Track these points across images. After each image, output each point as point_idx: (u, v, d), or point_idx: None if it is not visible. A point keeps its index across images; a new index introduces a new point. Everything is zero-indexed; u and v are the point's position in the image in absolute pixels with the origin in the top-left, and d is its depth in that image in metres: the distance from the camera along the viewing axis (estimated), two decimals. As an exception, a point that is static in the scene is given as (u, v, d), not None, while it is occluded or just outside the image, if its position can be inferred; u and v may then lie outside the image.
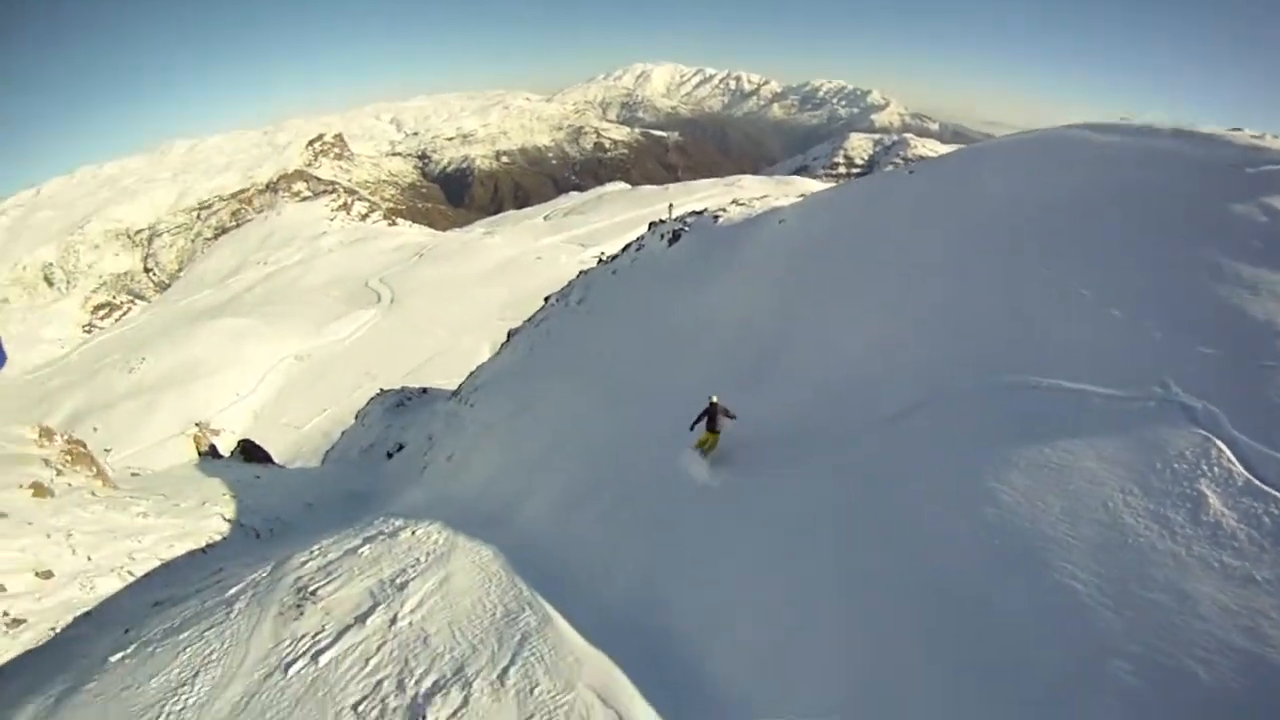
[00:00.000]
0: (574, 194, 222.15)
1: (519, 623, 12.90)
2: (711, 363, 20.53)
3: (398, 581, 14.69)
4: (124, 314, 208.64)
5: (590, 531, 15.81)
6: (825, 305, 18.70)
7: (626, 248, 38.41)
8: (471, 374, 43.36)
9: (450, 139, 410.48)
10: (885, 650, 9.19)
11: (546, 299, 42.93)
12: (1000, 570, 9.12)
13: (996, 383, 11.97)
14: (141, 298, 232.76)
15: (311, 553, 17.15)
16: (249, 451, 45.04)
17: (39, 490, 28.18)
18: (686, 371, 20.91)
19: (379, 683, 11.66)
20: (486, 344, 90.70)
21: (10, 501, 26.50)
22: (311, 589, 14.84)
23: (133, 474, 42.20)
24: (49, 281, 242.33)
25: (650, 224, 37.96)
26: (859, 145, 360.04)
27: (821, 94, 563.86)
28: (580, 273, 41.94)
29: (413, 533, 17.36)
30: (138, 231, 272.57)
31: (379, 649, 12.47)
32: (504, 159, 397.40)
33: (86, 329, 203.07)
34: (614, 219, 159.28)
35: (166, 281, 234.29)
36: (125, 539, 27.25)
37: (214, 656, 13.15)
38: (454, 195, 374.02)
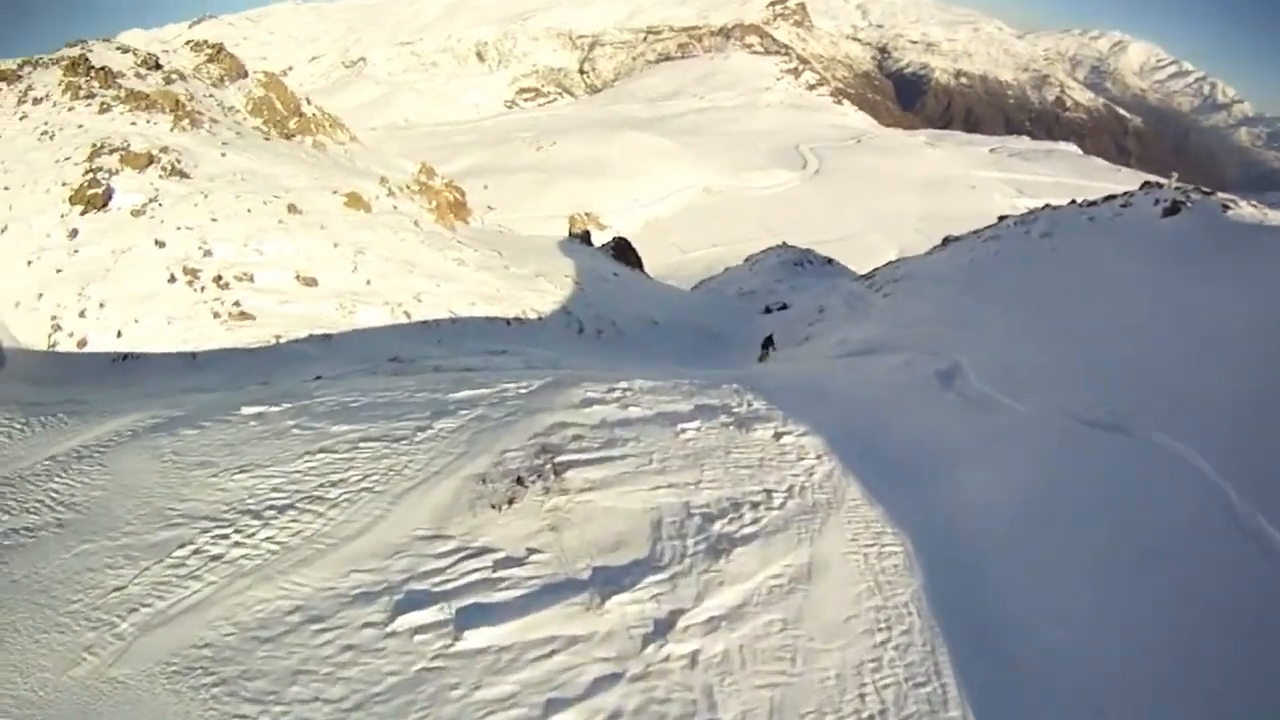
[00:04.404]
0: (1024, 139, 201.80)
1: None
2: (1232, 370, 11.89)
3: (718, 529, 6.88)
4: (549, 102, 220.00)
5: (1081, 586, 6.92)
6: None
7: (1109, 198, 31.95)
8: (891, 263, 37.14)
9: (913, 42, 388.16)
10: None
11: (1000, 218, 36.58)
12: None
13: None
14: (570, 93, 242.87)
15: (608, 391, 10.05)
16: (621, 249, 41.41)
17: (353, 200, 25.79)
18: (1185, 365, 12.71)
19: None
20: (895, 248, 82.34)
21: (314, 202, 24.74)
22: (562, 458, 7.74)
23: (499, 229, 42.21)
24: (480, 57, 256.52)
25: (1144, 184, 32.27)
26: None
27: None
28: (1046, 205, 34.97)
29: (776, 436, 9.29)
30: (580, 36, 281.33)
31: (624, 684, 4.95)
32: (962, 79, 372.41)
33: (508, 104, 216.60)
34: (1058, 179, 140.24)
35: (598, 86, 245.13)
36: (422, 277, 23.32)
37: (330, 493, 7.16)
38: (904, 98, 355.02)
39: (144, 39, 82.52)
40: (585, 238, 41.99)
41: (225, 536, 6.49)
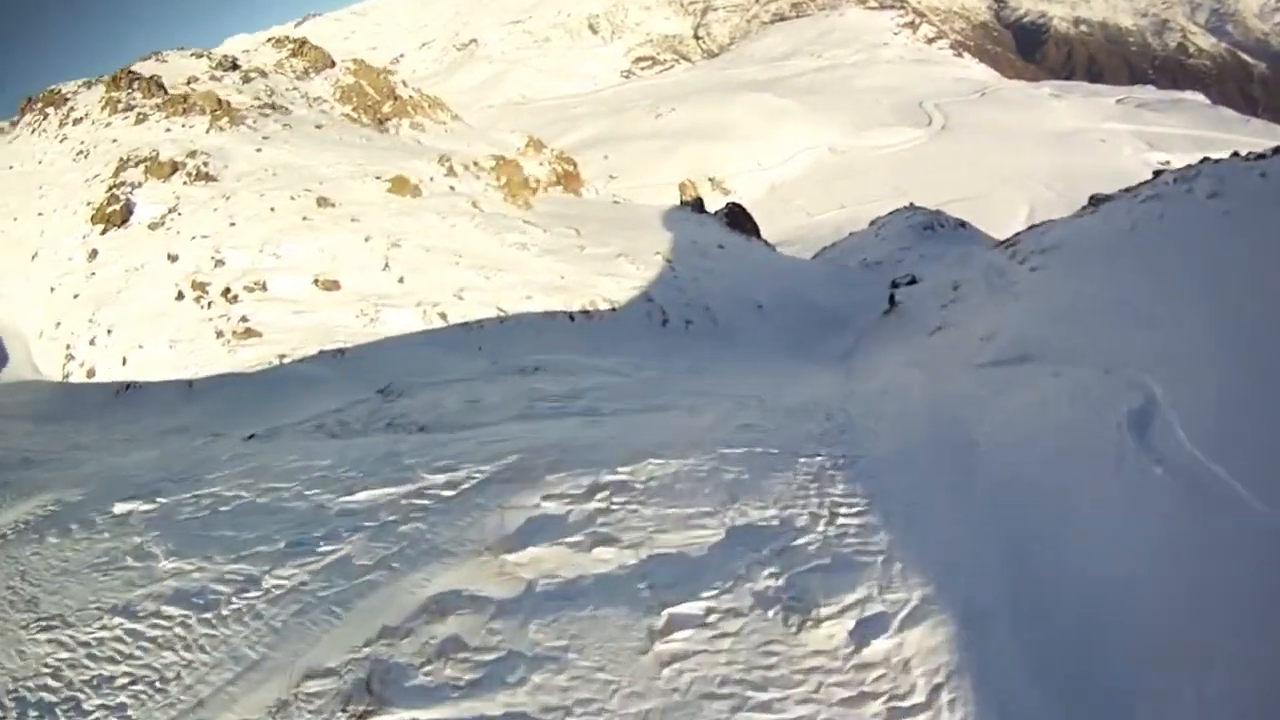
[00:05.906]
0: (1149, 88, 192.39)
1: None
2: None
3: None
4: (666, 69, 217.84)
5: None
6: None
7: (1278, 150, 29.17)
8: (1034, 227, 31.93)
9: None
10: None
11: (1156, 174, 32.09)
12: None
13: None
14: (686, 59, 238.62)
15: (587, 493, 6.31)
16: (735, 216, 38.06)
17: (398, 184, 23.71)
18: None
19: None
20: (1025, 207, 79.63)
21: (350, 191, 22.75)
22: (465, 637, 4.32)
23: (614, 200, 40.87)
24: (593, 30, 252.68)
25: (1310, 130, 27.85)
26: None
27: None
28: (1204, 159, 31.70)
29: (853, 643, 4.44)
30: (691, 2, 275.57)
31: None
32: (1082, 27, 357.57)
33: (625, 74, 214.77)
34: (1186, 131, 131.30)
35: (715, 51, 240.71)
36: (469, 269, 20.93)
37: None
38: (1024, 48, 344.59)
39: (248, 43, 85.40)
40: (697, 205, 39.10)
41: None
